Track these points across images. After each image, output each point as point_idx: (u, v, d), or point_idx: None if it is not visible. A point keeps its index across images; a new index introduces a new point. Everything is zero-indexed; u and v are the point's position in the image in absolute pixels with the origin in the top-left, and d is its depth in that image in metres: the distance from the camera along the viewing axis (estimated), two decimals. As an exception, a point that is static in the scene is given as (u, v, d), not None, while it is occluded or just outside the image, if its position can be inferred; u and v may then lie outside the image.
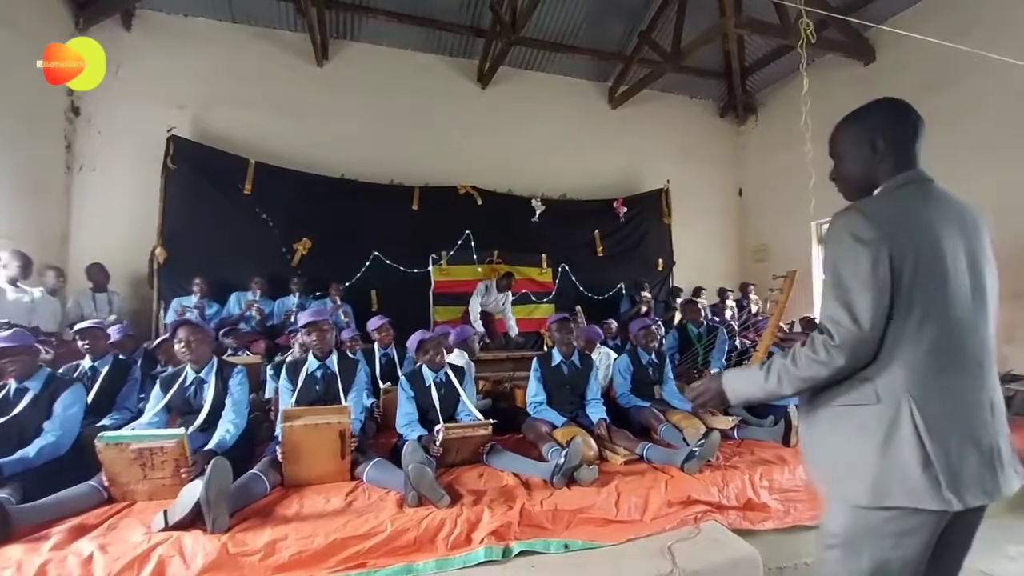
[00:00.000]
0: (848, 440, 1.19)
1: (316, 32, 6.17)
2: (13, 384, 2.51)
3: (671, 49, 6.63)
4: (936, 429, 1.11)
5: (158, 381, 2.74)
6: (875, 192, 1.28)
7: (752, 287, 7.24)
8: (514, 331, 5.74)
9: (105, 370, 3.24)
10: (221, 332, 4.67)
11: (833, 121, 1.38)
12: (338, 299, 5.63)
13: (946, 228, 1.18)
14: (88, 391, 3.07)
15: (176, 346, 2.75)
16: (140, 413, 2.97)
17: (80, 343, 3.26)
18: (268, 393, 3.60)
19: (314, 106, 6.50)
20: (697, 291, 7.01)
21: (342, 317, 5.31)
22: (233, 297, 5.39)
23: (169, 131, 5.60)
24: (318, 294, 5.78)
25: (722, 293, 7.08)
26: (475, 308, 5.50)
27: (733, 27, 6.05)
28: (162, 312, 5.30)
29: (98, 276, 5.09)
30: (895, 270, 1.13)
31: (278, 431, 2.54)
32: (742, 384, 1.35)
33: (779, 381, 1.24)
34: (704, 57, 7.43)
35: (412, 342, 3.18)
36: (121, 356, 3.49)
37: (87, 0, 5.61)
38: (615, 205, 7.51)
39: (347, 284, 5.90)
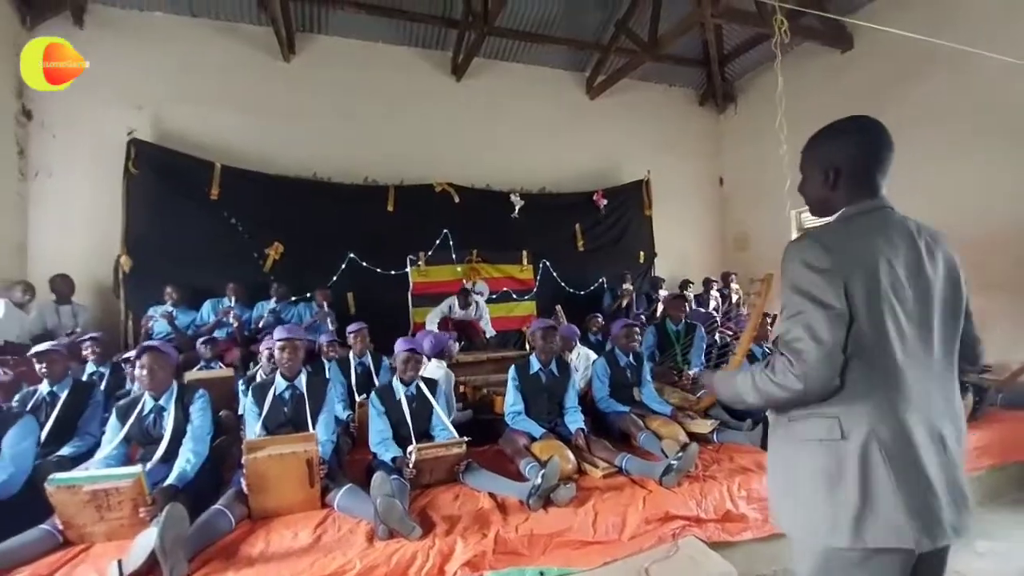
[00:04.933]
0: (824, 481, 1.16)
1: (281, 25, 5.93)
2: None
3: (648, 38, 6.52)
4: (903, 468, 1.10)
5: (114, 410, 2.62)
6: (832, 218, 1.28)
7: (734, 276, 7.23)
8: (490, 332, 5.65)
9: (64, 395, 3.09)
10: (199, 341, 4.54)
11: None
12: (325, 305, 5.38)
13: (897, 258, 1.17)
14: (47, 418, 2.96)
15: (138, 371, 2.63)
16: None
17: (37, 367, 3.11)
18: (242, 409, 3.49)
19: (281, 103, 6.26)
20: (684, 284, 6.98)
21: (328, 325, 5.09)
22: (207, 305, 5.22)
23: (129, 134, 5.37)
24: (295, 298, 5.59)
25: (707, 283, 7.06)
26: (432, 323, 5.32)
27: (710, 16, 5.94)
28: (130, 323, 5.14)
29: (62, 287, 4.93)
30: (849, 301, 1.13)
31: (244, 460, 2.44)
32: (723, 384, 1.41)
33: (745, 390, 1.27)
34: (682, 45, 7.30)
35: (399, 344, 3.07)
36: (83, 378, 3.34)
37: (34, -4, 5.32)
38: (595, 197, 7.42)
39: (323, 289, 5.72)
